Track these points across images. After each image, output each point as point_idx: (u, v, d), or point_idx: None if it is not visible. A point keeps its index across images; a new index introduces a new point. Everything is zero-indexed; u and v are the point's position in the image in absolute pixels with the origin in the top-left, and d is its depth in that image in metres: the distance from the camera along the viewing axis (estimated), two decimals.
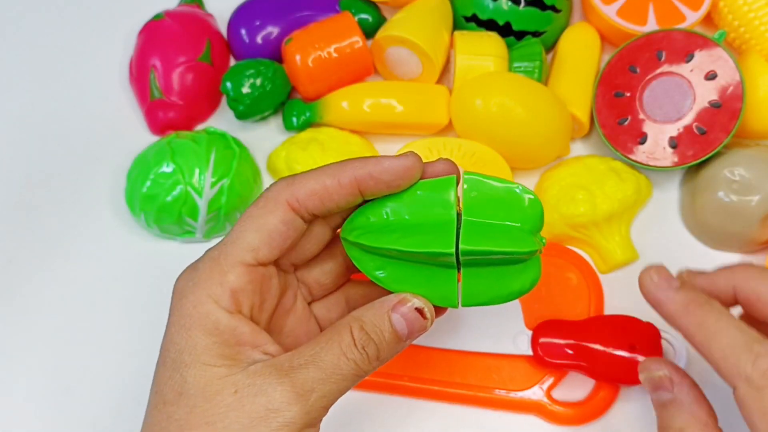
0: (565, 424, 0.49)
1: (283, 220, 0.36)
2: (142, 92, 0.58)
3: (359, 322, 0.35)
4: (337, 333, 0.35)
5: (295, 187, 0.36)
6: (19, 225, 0.57)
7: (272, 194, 0.37)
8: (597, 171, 0.54)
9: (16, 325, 0.54)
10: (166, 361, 0.35)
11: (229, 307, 0.35)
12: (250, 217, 0.37)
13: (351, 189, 0.37)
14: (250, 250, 0.36)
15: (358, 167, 0.37)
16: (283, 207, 0.36)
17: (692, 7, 0.56)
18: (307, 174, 0.37)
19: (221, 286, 0.35)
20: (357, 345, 0.35)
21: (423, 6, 0.57)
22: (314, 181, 0.37)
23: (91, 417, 0.51)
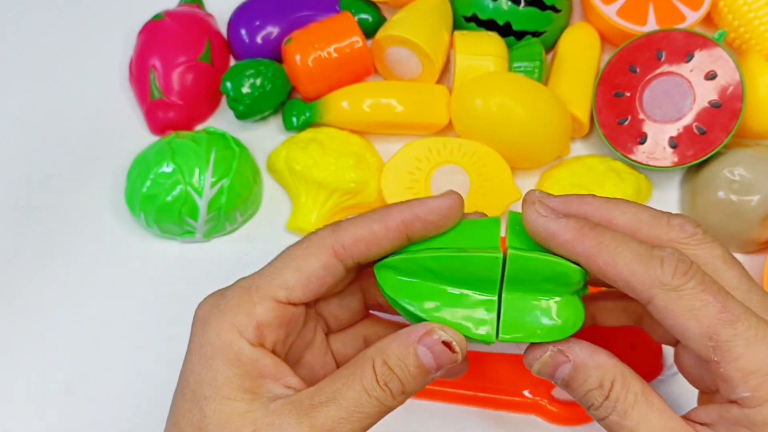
0: (565, 424, 0.49)
1: (324, 265, 0.35)
2: (142, 92, 0.58)
3: (382, 355, 0.34)
4: (360, 368, 0.34)
5: (341, 233, 0.36)
6: (19, 225, 0.57)
7: (317, 238, 0.36)
8: (597, 171, 0.54)
9: (16, 325, 0.54)
10: (185, 392, 0.34)
11: (252, 339, 0.34)
12: (290, 256, 0.36)
13: (398, 233, 0.36)
14: (285, 288, 0.35)
15: (404, 210, 0.36)
16: (327, 252, 0.35)
17: (692, 7, 0.56)
18: (352, 220, 0.36)
19: (248, 317, 0.34)
20: (379, 381, 0.33)
21: (423, 6, 0.57)
22: (361, 227, 0.36)
23: (91, 417, 0.51)
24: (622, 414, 0.33)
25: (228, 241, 0.56)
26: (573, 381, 0.34)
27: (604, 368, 0.34)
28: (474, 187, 0.53)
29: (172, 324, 0.53)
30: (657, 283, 0.32)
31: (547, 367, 0.35)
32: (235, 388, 0.34)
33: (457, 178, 0.54)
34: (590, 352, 0.34)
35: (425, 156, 0.54)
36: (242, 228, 0.56)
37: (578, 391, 0.34)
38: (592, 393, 0.34)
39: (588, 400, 0.34)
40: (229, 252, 0.56)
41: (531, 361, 0.35)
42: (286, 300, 0.35)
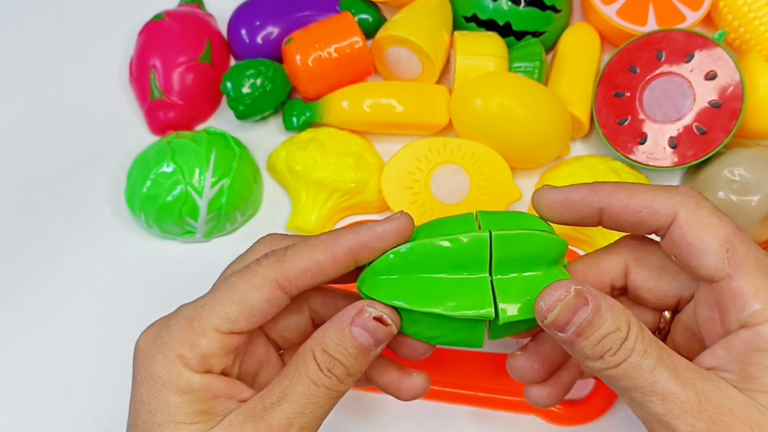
0: (565, 425, 0.49)
1: (268, 299, 0.35)
2: (142, 92, 0.58)
3: (321, 345, 0.35)
4: (302, 361, 0.35)
5: (286, 266, 0.35)
6: (19, 225, 0.57)
7: (261, 270, 0.35)
8: (597, 171, 0.54)
9: (16, 325, 0.54)
10: (137, 424, 0.34)
11: (198, 369, 0.34)
12: (233, 288, 0.35)
13: (345, 262, 0.36)
14: (227, 321, 0.35)
15: (352, 238, 0.36)
16: (271, 285, 0.35)
17: (692, 7, 0.56)
18: (298, 249, 0.36)
19: (191, 348, 0.34)
20: (323, 370, 0.34)
21: (423, 6, 0.57)
22: (306, 258, 0.35)
23: (91, 417, 0.51)
24: (641, 353, 0.32)
25: (228, 241, 0.56)
26: (590, 326, 0.33)
27: (620, 311, 0.33)
28: (474, 187, 0.53)
29: None
30: (679, 201, 0.34)
31: (567, 310, 0.33)
32: (189, 413, 0.34)
33: (457, 178, 0.54)
34: (603, 295, 0.34)
35: (425, 156, 0.54)
36: (242, 228, 0.56)
37: (594, 338, 0.33)
38: (609, 337, 0.33)
39: (604, 345, 0.33)
40: (229, 252, 0.55)
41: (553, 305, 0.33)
42: (229, 331, 0.35)
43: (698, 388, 0.32)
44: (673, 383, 0.32)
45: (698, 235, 0.34)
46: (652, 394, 0.32)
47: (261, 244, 0.40)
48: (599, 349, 0.33)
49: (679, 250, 0.35)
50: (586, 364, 0.34)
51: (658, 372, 0.32)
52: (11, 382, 0.52)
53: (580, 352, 0.34)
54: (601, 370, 0.34)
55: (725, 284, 0.33)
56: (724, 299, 0.33)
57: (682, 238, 0.34)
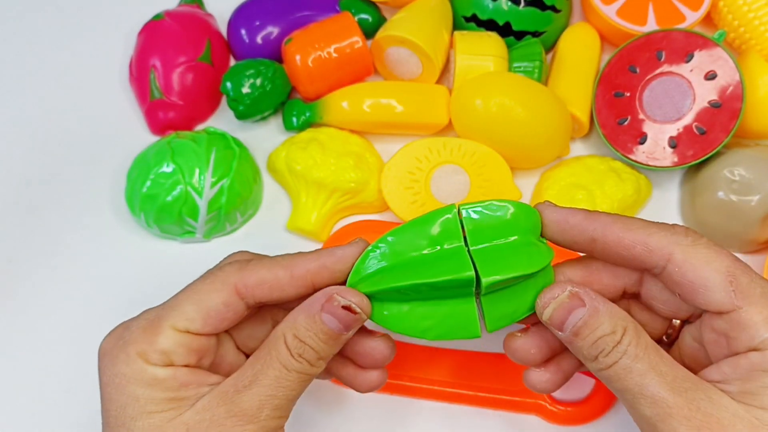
0: (565, 424, 0.49)
1: (225, 302, 0.37)
2: (142, 92, 0.58)
3: (292, 330, 0.36)
4: (274, 347, 0.36)
5: (246, 274, 0.37)
6: (19, 225, 0.57)
7: (222, 274, 0.37)
8: (597, 171, 0.54)
9: (16, 325, 0.54)
10: (109, 422, 0.36)
11: (160, 363, 0.36)
12: (193, 290, 0.37)
13: (303, 281, 0.37)
14: (184, 320, 0.36)
15: (312, 260, 0.37)
16: (229, 289, 0.37)
17: (692, 7, 0.56)
18: (261, 262, 0.38)
19: (151, 345, 0.36)
20: (294, 355, 0.35)
21: (423, 6, 0.57)
22: (267, 270, 0.37)
23: (90, 417, 0.51)
24: (633, 357, 0.34)
25: (228, 241, 0.56)
26: (586, 327, 0.35)
27: (618, 316, 0.35)
28: (474, 187, 0.53)
29: None
30: (674, 241, 0.35)
31: (562, 310, 0.35)
32: (159, 402, 0.35)
33: (457, 178, 0.54)
34: (603, 300, 0.35)
35: (425, 156, 0.54)
36: (242, 228, 0.56)
37: (589, 338, 0.35)
38: (604, 339, 0.34)
39: (598, 346, 0.34)
40: (229, 252, 0.55)
41: (547, 302, 0.36)
42: (185, 330, 0.36)
43: (689, 396, 0.33)
44: (663, 388, 0.33)
45: (699, 273, 0.34)
46: (641, 396, 0.33)
47: (230, 257, 0.41)
48: (594, 350, 0.34)
49: (683, 288, 0.35)
50: (584, 362, 0.36)
51: (649, 377, 0.33)
52: (11, 382, 0.52)
53: (578, 351, 0.35)
54: (596, 370, 0.35)
55: (734, 315, 0.34)
56: (733, 328, 0.34)
57: (683, 276, 0.35)
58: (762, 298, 0.34)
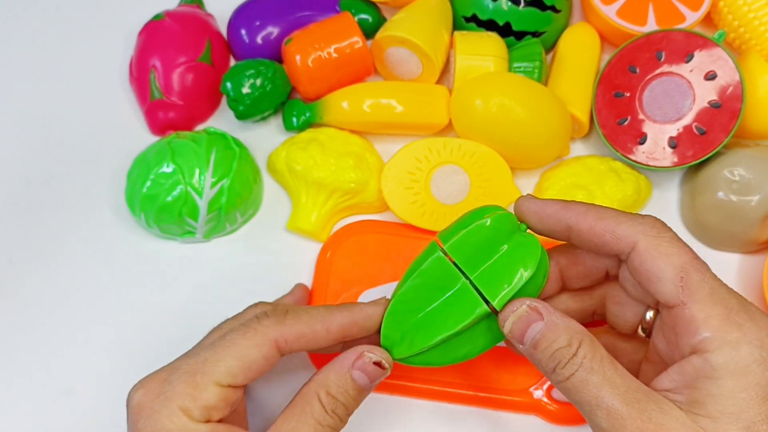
0: (565, 424, 0.49)
1: (266, 356, 0.38)
2: (142, 92, 0.58)
3: (325, 388, 0.38)
4: (308, 403, 0.38)
5: (286, 329, 0.39)
6: (19, 225, 0.57)
7: (262, 329, 0.39)
8: (597, 171, 0.54)
9: (16, 325, 0.54)
10: None
11: (201, 420, 0.37)
12: (234, 344, 0.38)
13: (336, 335, 0.40)
14: (228, 375, 0.38)
15: (346, 316, 0.41)
16: (269, 344, 0.38)
17: (692, 8, 0.56)
18: (297, 316, 0.40)
19: (195, 401, 0.37)
20: (328, 411, 0.38)
21: (423, 6, 0.57)
22: (305, 325, 0.39)
23: (91, 417, 0.51)
24: (588, 370, 0.35)
25: (228, 241, 0.56)
26: (543, 339, 0.36)
27: (574, 330, 0.36)
28: (474, 187, 0.53)
29: (173, 324, 0.53)
30: (640, 231, 0.37)
31: (521, 323, 0.37)
32: None
33: (457, 178, 0.54)
34: (561, 315, 0.37)
35: (425, 156, 0.54)
36: (242, 228, 0.56)
37: (547, 351, 0.36)
38: (560, 351, 0.36)
39: (555, 358, 0.36)
40: (229, 252, 0.56)
41: (506, 316, 0.38)
42: (228, 384, 0.38)
43: (642, 407, 0.34)
44: (617, 400, 0.34)
45: (655, 263, 0.36)
46: (597, 408, 0.34)
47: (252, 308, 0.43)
48: (552, 362, 0.36)
49: (639, 275, 0.37)
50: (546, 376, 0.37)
51: (604, 389, 0.34)
52: (11, 382, 0.52)
53: (538, 364, 0.37)
54: (556, 383, 0.36)
55: (679, 311, 0.35)
56: (678, 324, 0.35)
57: (641, 265, 0.36)
58: (709, 297, 0.35)
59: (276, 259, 0.55)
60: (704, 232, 0.54)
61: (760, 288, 0.52)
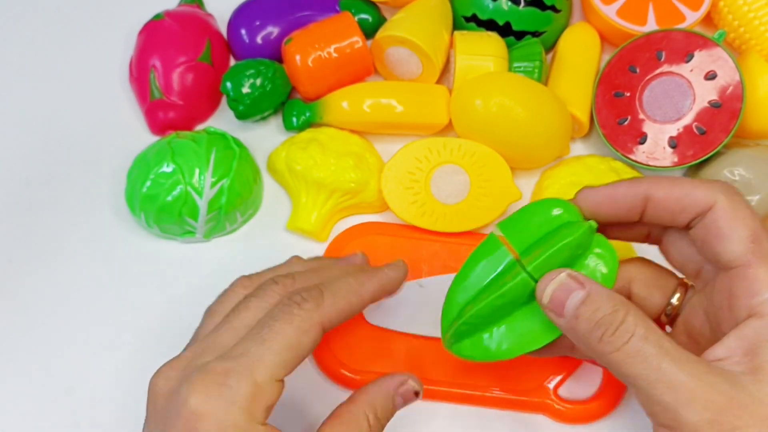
0: (573, 423, 0.49)
1: (314, 341, 0.38)
2: (142, 92, 0.58)
3: (373, 409, 0.39)
4: (356, 423, 0.39)
5: (327, 309, 0.39)
6: (19, 225, 0.56)
7: (306, 314, 0.38)
8: (597, 171, 0.54)
9: (16, 325, 0.54)
10: None
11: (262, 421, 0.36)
12: (281, 333, 0.37)
13: (368, 303, 0.42)
14: (283, 368, 0.37)
15: (375, 284, 0.42)
16: (316, 329, 0.38)
17: (692, 8, 0.56)
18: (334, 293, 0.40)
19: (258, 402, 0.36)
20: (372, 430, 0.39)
21: (423, 6, 0.57)
22: (344, 302, 0.40)
23: (91, 417, 0.51)
24: (643, 338, 0.33)
25: (228, 241, 0.56)
26: (586, 307, 0.35)
27: (618, 299, 0.35)
28: (474, 187, 0.53)
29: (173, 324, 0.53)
30: (718, 190, 0.36)
31: (560, 291, 0.36)
32: None
33: (457, 178, 0.54)
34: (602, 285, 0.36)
35: (425, 156, 0.54)
36: (242, 228, 0.56)
37: (591, 319, 0.34)
38: (606, 317, 0.34)
39: (601, 325, 0.34)
40: (229, 252, 0.56)
41: (545, 284, 0.37)
42: (282, 378, 0.37)
43: (709, 379, 0.32)
44: (680, 372, 0.32)
45: (731, 222, 0.35)
46: (657, 382, 0.32)
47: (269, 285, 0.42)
48: (597, 330, 0.34)
49: (709, 233, 0.36)
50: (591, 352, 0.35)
51: (665, 361, 0.32)
52: (11, 382, 0.52)
53: (582, 337, 0.35)
54: (604, 354, 0.34)
55: (742, 270, 0.35)
56: (738, 285, 0.35)
57: (715, 222, 0.36)
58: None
59: (276, 259, 0.55)
60: None
61: None
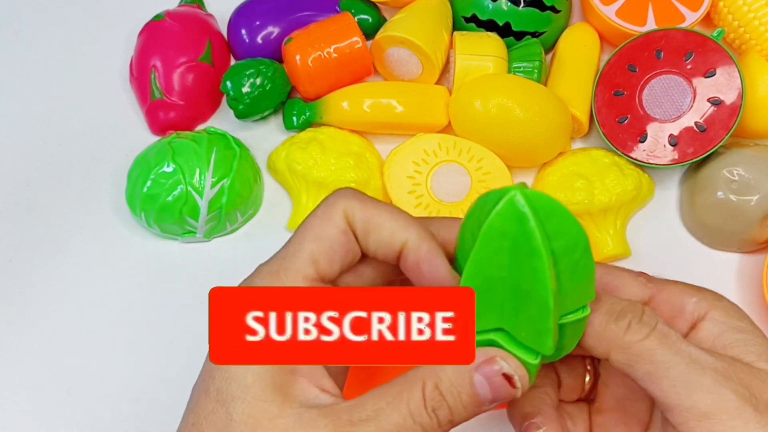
0: None
1: (341, 230, 0.32)
2: (142, 92, 0.58)
3: (435, 378, 0.30)
4: (408, 388, 0.31)
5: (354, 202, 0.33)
6: (19, 225, 0.56)
7: (332, 199, 0.33)
8: (600, 164, 0.54)
9: (16, 325, 0.54)
10: (209, 390, 0.31)
11: None
12: (307, 225, 0.33)
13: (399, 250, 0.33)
14: (311, 263, 0.32)
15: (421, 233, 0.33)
16: (339, 214, 0.33)
17: (691, 8, 0.56)
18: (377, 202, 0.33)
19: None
20: (427, 407, 0.30)
21: (423, 6, 0.58)
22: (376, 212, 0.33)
23: (91, 417, 0.51)
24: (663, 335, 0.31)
25: (229, 240, 0.56)
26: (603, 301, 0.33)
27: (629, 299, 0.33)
28: (473, 192, 0.54)
29: (173, 324, 0.53)
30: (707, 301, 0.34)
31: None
32: (267, 387, 0.31)
33: (457, 178, 0.54)
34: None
35: (433, 150, 0.54)
36: (243, 228, 0.56)
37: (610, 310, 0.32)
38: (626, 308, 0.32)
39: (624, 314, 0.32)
40: (229, 252, 0.56)
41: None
42: (316, 275, 0.32)
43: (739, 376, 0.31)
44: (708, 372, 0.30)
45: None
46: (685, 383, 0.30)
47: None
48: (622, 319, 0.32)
49: None
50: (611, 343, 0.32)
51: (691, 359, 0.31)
52: (12, 382, 0.52)
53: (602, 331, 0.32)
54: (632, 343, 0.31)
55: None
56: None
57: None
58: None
59: None
60: (703, 231, 0.54)
61: (759, 288, 0.52)
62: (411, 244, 0.32)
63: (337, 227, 0.32)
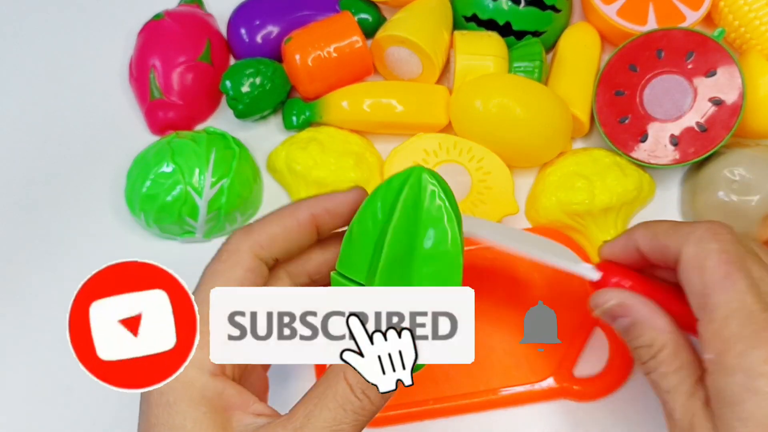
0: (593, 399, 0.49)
1: (249, 269, 0.36)
2: (142, 92, 0.58)
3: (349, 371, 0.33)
4: (331, 385, 0.33)
5: (255, 235, 0.37)
6: (19, 225, 0.56)
7: (233, 246, 0.36)
8: (601, 163, 0.53)
9: (16, 325, 0.54)
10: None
11: (213, 370, 0.34)
12: (214, 273, 0.36)
13: (309, 227, 0.38)
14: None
15: (314, 205, 0.38)
16: (247, 256, 0.36)
17: (692, 7, 0.56)
18: (263, 220, 0.38)
19: (202, 349, 0.33)
20: (355, 391, 0.32)
21: (423, 6, 0.57)
22: (274, 224, 0.37)
23: (91, 417, 0.51)
24: (661, 376, 0.36)
25: None
26: (628, 333, 0.38)
27: (659, 331, 0.36)
28: (474, 192, 0.53)
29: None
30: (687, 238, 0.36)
31: (607, 316, 0.38)
32: (206, 429, 0.33)
33: (457, 177, 0.54)
34: (650, 313, 0.37)
35: (433, 150, 0.54)
36: None
37: (631, 344, 0.37)
38: (642, 349, 0.37)
39: (637, 353, 0.37)
40: None
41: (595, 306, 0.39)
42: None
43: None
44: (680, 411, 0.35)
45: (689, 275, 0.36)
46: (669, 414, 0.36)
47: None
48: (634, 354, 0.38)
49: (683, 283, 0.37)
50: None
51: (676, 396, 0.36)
52: (11, 382, 0.52)
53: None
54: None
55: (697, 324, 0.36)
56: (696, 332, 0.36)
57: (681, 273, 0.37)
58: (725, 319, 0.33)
59: None
60: None
61: None
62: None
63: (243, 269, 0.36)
